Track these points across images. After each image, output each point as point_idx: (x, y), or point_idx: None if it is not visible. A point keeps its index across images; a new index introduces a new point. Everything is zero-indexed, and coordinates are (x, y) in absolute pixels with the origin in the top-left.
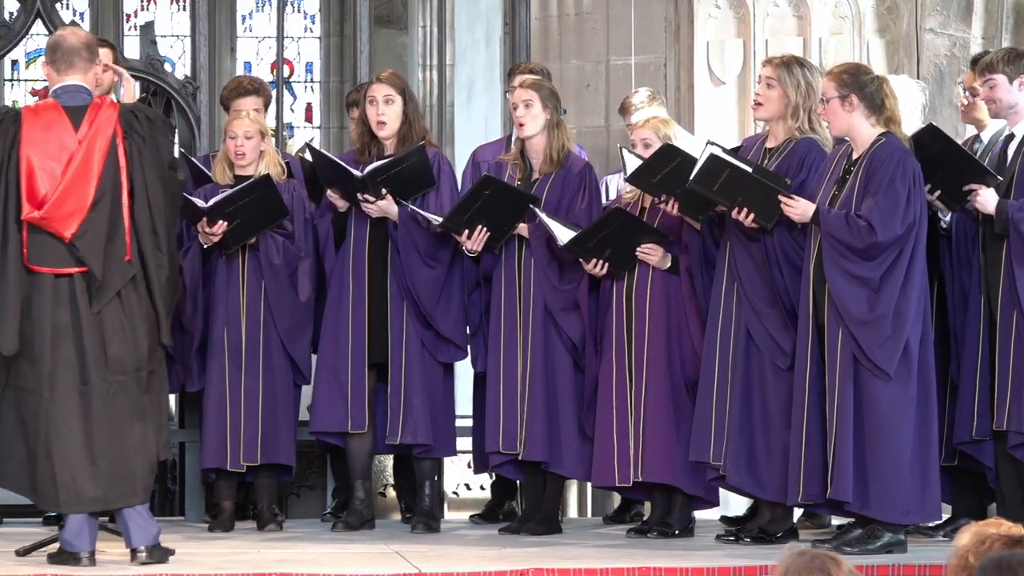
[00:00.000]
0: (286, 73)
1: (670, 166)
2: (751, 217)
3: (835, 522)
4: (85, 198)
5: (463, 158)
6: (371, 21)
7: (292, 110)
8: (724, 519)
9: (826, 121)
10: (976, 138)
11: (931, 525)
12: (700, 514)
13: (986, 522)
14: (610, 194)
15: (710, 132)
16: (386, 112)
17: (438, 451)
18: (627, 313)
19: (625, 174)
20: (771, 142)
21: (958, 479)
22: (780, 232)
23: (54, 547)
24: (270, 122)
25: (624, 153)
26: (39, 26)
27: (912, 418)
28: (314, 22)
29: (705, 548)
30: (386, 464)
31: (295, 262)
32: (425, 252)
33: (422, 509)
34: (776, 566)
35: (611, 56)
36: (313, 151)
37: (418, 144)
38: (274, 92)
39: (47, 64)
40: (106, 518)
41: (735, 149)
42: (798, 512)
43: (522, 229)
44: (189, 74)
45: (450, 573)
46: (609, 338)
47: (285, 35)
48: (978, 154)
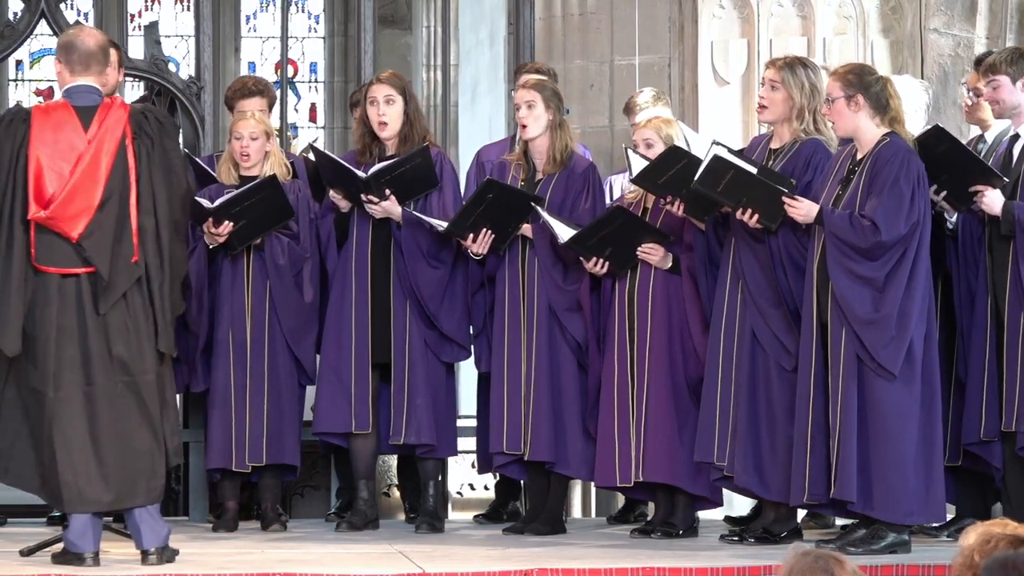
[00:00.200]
0: (290, 73)
1: (676, 167)
2: (755, 218)
3: (839, 522)
4: (93, 198)
5: (467, 158)
6: (375, 21)
7: (296, 110)
8: (728, 519)
9: (831, 121)
10: (980, 138)
11: (935, 525)
12: (704, 514)
13: (992, 522)
14: (614, 194)
15: (714, 132)
16: (387, 112)
17: (441, 451)
18: (629, 313)
19: (631, 175)
20: (776, 143)
21: (962, 479)
22: (785, 233)
23: (58, 547)
24: (274, 122)
25: (629, 154)
26: (43, 26)
27: (916, 418)
28: (318, 22)
29: (709, 548)
30: (390, 464)
31: (300, 263)
32: (428, 252)
33: (426, 509)
34: (780, 566)
35: (615, 56)
36: (316, 152)
37: (422, 145)
38: (278, 92)
39: (61, 63)
40: (110, 518)
41: (740, 150)
42: (802, 512)
43: (526, 230)
44: (193, 74)
45: (454, 573)
46: (611, 338)
47: (289, 35)
48: (982, 154)
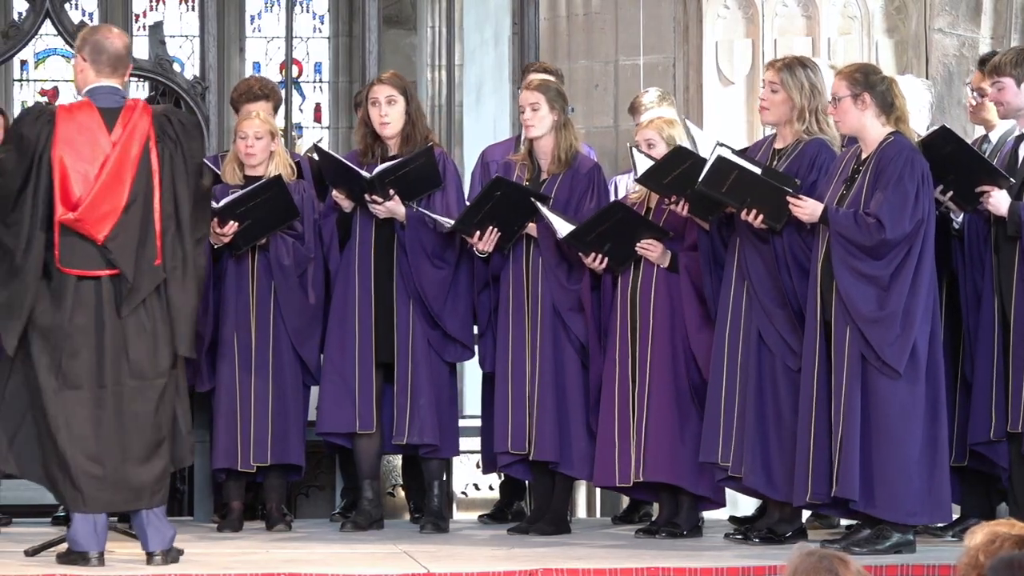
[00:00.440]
0: (295, 73)
1: (681, 168)
2: (760, 218)
3: (844, 522)
4: (119, 201)
5: (472, 158)
6: (380, 21)
7: (301, 110)
8: (733, 519)
9: (836, 120)
10: (985, 138)
11: (940, 525)
12: (709, 514)
13: (998, 522)
14: (619, 195)
15: (719, 132)
16: (389, 113)
17: (444, 451)
18: (631, 312)
19: (635, 174)
20: (780, 143)
21: (968, 479)
22: (789, 233)
23: (63, 547)
24: (279, 123)
25: (634, 152)
26: (48, 26)
27: (920, 418)
28: (323, 22)
29: (713, 548)
30: (395, 464)
31: (305, 263)
32: (432, 252)
33: (431, 509)
34: (785, 566)
35: (620, 56)
36: (320, 152)
37: (426, 145)
38: (283, 92)
39: (87, 63)
40: (115, 518)
41: (743, 150)
42: (807, 512)
43: (531, 229)
44: (198, 74)
45: (459, 573)
46: (613, 337)
47: (294, 35)
48: (987, 154)
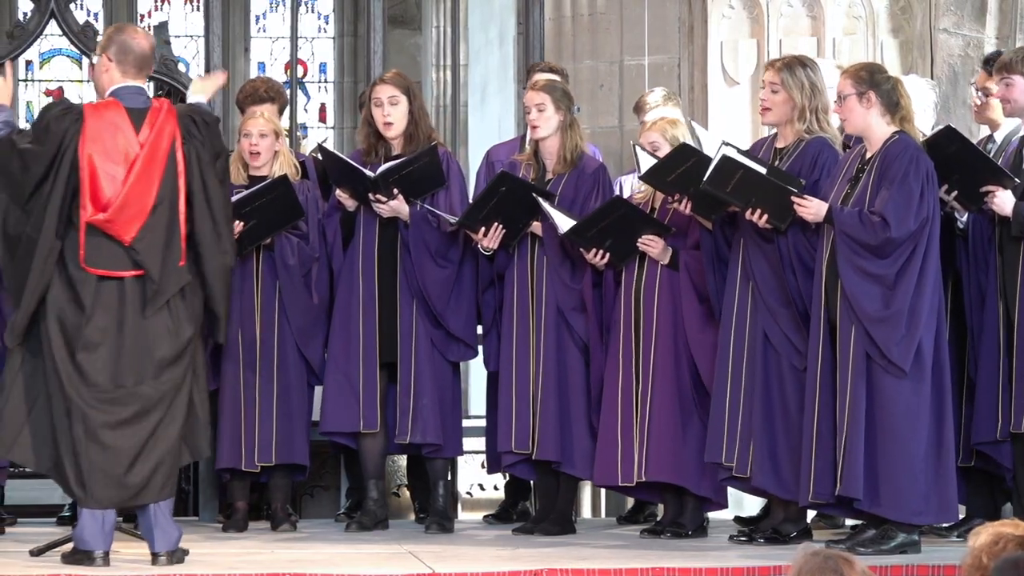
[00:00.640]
0: (300, 73)
1: (685, 165)
2: (765, 218)
3: (849, 523)
4: (147, 202)
5: (477, 158)
6: (385, 21)
7: (306, 110)
8: (738, 519)
9: (841, 118)
10: (989, 138)
11: (945, 525)
12: (713, 514)
13: (1002, 522)
14: (624, 195)
15: (724, 132)
16: (392, 113)
17: (448, 450)
18: (635, 310)
19: (639, 172)
20: (781, 142)
21: (973, 479)
22: (794, 233)
23: (68, 547)
24: (284, 123)
25: (637, 151)
26: (53, 26)
27: (926, 417)
28: (328, 22)
29: (718, 548)
30: (400, 464)
31: (309, 263)
32: (436, 252)
33: (436, 509)
34: (790, 566)
35: (625, 56)
36: (324, 151)
37: (430, 144)
38: (288, 92)
39: (112, 63)
40: (121, 518)
41: (746, 150)
42: (812, 512)
43: (536, 227)
44: (203, 74)
45: (464, 573)
46: (616, 335)
47: (299, 35)
48: (991, 154)
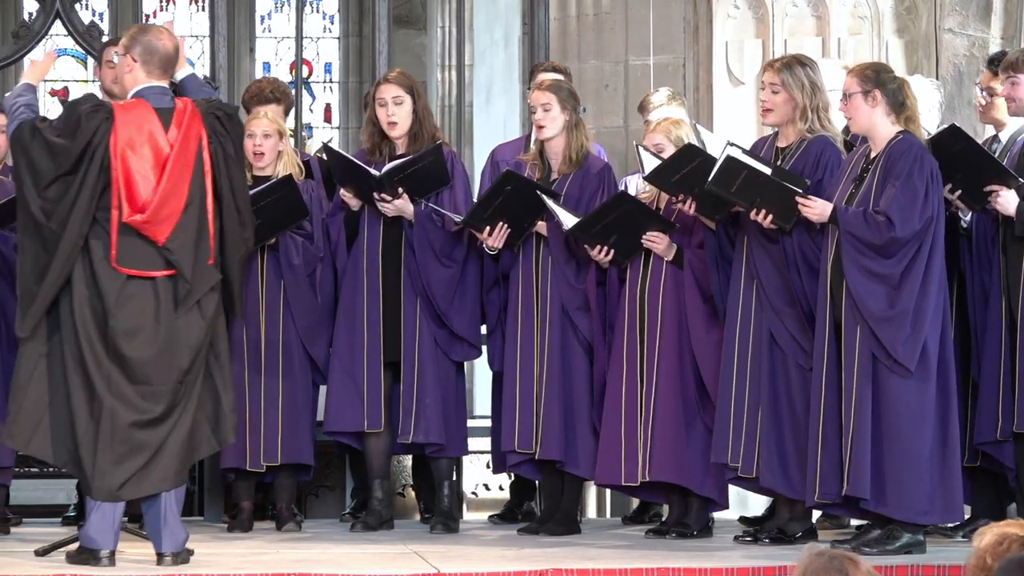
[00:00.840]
0: (305, 73)
1: (690, 166)
2: (769, 218)
3: (854, 523)
4: (179, 202)
5: (482, 158)
6: (390, 21)
7: (311, 111)
8: (743, 519)
9: (847, 116)
10: (995, 138)
11: (950, 525)
12: (719, 514)
13: (1007, 523)
14: None
15: (729, 132)
16: (396, 112)
17: (451, 450)
18: (639, 310)
19: (643, 172)
20: (783, 142)
21: (978, 479)
22: (799, 234)
23: (73, 547)
24: (289, 123)
25: (641, 152)
26: (58, 27)
27: (931, 417)
28: (333, 22)
29: (723, 548)
30: (405, 464)
31: (314, 262)
32: (441, 251)
33: (441, 509)
34: (795, 567)
35: (630, 56)
36: (329, 151)
37: (435, 144)
38: (293, 91)
39: (137, 63)
40: (126, 518)
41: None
42: (817, 513)
43: (541, 227)
44: (208, 74)
45: (469, 573)
46: (619, 334)
47: (304, 35)
48: (996, 154)
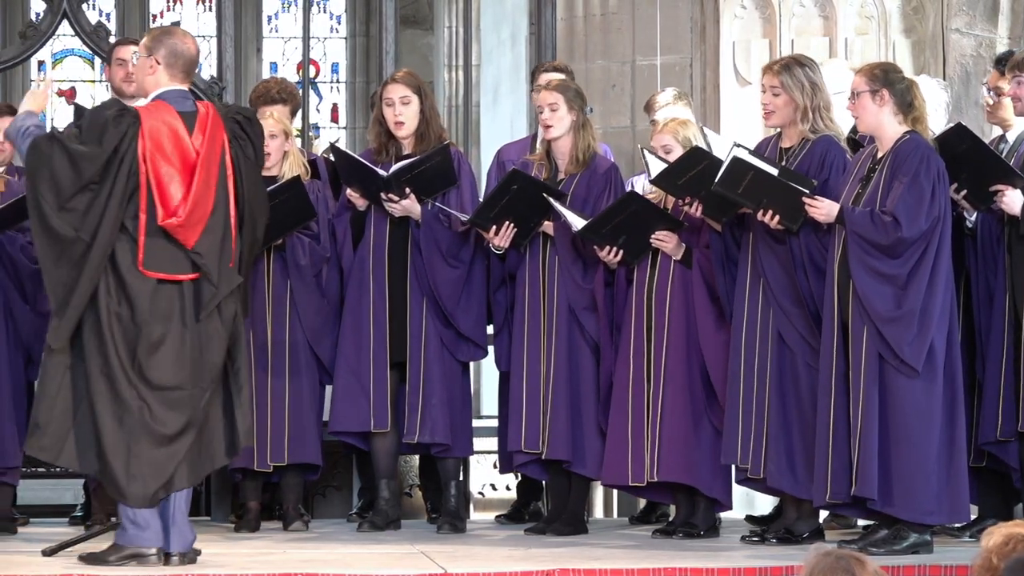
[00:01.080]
0: (312, 74)
1: (696, 169)
2: (776, 219)
3: (861, 523)
4: (208, 206)
5: (489, 158)
6: (397, 21)
7: (318, 111)
8: (750, 519)
9: (854, 116)
10: (1002, 138)
11: (957, 526)
12: (726, 514)
13: (1014, 523)
14: None
15: (736, 132)
16: (403, 112)
17: (457, 450)
18: (647, 309)
19: (648, 176)
20: (786, 142)
21: (985, 479)
22: (806, 234)
23: (80, 547)
24: (296, 123)
25: (646, 155)
26: (65, 27)
27: (938, 418)
28: (340, 22)
29: (730, 548)
30: (412, 464)
31: (321, 263)
32: (447, 251)
33: (448, 509)
34: (802, 566)
35: (637, 56)
36: (336, 150)
37: (443, 144)
38: (300, 91)
39: (160, 65)
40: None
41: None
42: (824, 512)
43: (547, 227)
44: (215, 75)
45: (476, 573)
46: (627, 334)
47: (311, 35)
48: (1003, 154)
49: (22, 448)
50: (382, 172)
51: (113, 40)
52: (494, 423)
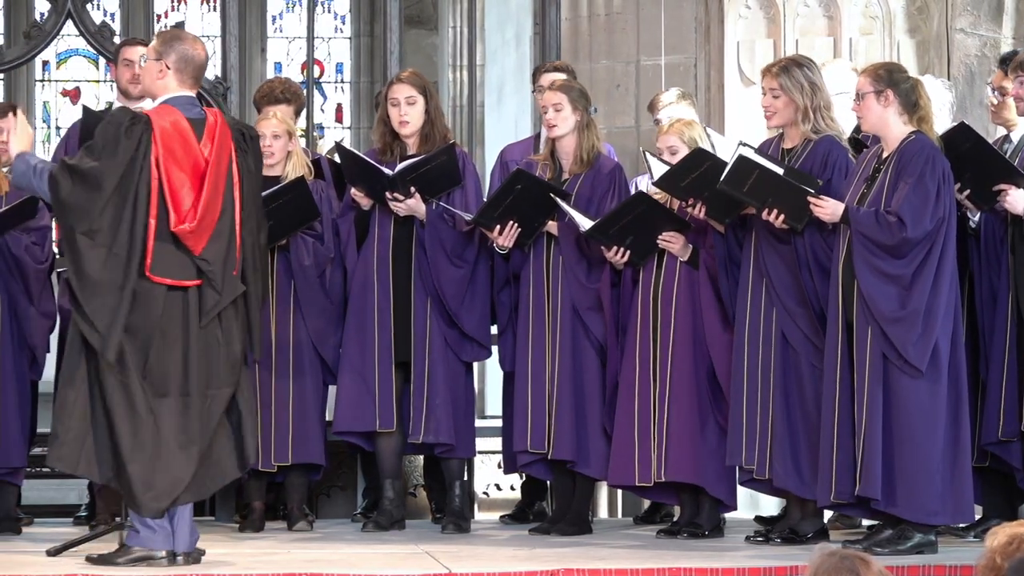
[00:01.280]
0: (316, 74)
1: (699, 170)
2: (781, 218)
3: (866, 523)
4: (216, 213)
5: (493, 159)
6: (401, 21)
7: (322, 111)
8: (759, 519)
9: (859, 116)
10: (1006, 138)
11: (962, 526)
12: (730, 514)
13: (1019, 523)
14: None
15: (740, 132)
16: (409, 112)
17: (460, 451)
18: (653, 309)
19: (651, 178)
20: (788, 143)
21: (989, 479)
22: (811, 234)
23: (84, 547)
24: (300, 123)
25: (648, 157)
26: (69, 27)
27: (942, 418)
28: (344, 22)
29: (735, 549)
30: (417, 464)
31: (325, 263)
32: (452, 251)
33: (452, 509)
34: (806, 567)
35: (641, 56)
36: (341, 149)
37: (448, 144)
38: (305, 92)
39: (170, 70)
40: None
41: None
42: (829, 513)
43: (552, 227)
44: (220, 75)
45: (480, 573)
46: (632, 334)
47: (315, 35)
48: (1007, 154)
49: (28, 450)
50: (387, 171)
51: (118, 40)
52: (498, 423)
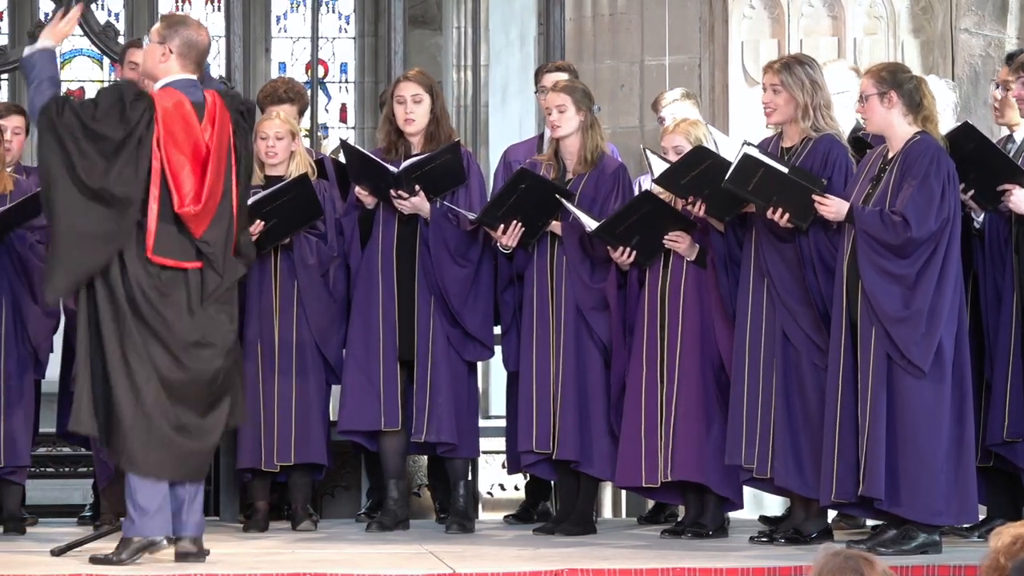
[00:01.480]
0: (320, 74)
1: (700, 168)
2: (786, 217)
3: (870, 523)
4: (217, 195)
5: (497, 159)
6: (405, 21)
7: (327, 111)
8: (763, 519)
9: (863, 118)
10: (1009, 138)
11: (966, 526)
12: (735, 514)
13: (1023, 523)
14: None
15: (744, 132)
16: (415, 111)
17: (463, 450)
18: (660, 309)
19: (651, 175)
20: (787, 142)
21: (993, 480)
22: (815, 232)
23: (88, 547)
24: (305, 123)
25: (648, 154)
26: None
27: (946, 418)
28: (348, 22)
29: (739, 549)
30: (421, 464)
31: (328, 262)
32: (456, 250)
33: (456, 509)
34: (811, 566)
35: (645, 56)
36: (347, 147)
37: (453, 142)
38: (309, 91)
39: (173, 54)
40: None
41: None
42: (833, 513)
43: (555, 226)
44: (224, 74)
45: (484, 573)
46: (639, 334)
47: (319, 36)
48: (1011, 154)
49: (32, 449)
50: (392, 168)
51: (122, 40)
52: (502, 423)
